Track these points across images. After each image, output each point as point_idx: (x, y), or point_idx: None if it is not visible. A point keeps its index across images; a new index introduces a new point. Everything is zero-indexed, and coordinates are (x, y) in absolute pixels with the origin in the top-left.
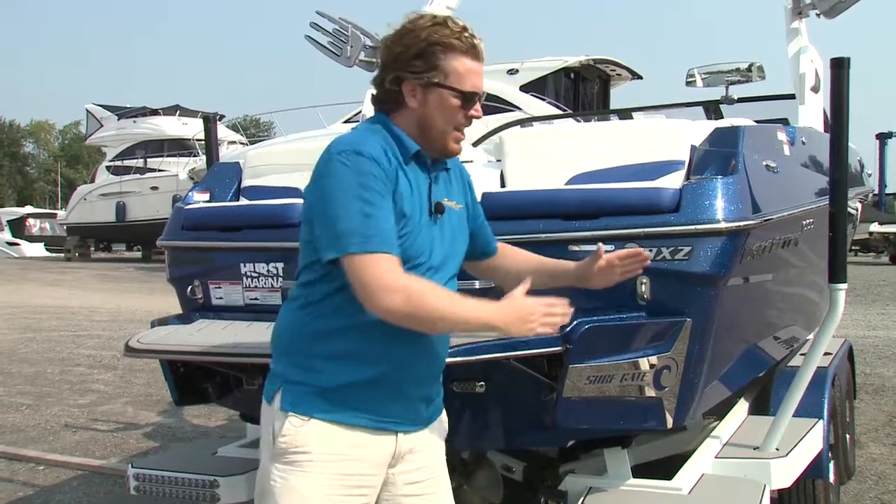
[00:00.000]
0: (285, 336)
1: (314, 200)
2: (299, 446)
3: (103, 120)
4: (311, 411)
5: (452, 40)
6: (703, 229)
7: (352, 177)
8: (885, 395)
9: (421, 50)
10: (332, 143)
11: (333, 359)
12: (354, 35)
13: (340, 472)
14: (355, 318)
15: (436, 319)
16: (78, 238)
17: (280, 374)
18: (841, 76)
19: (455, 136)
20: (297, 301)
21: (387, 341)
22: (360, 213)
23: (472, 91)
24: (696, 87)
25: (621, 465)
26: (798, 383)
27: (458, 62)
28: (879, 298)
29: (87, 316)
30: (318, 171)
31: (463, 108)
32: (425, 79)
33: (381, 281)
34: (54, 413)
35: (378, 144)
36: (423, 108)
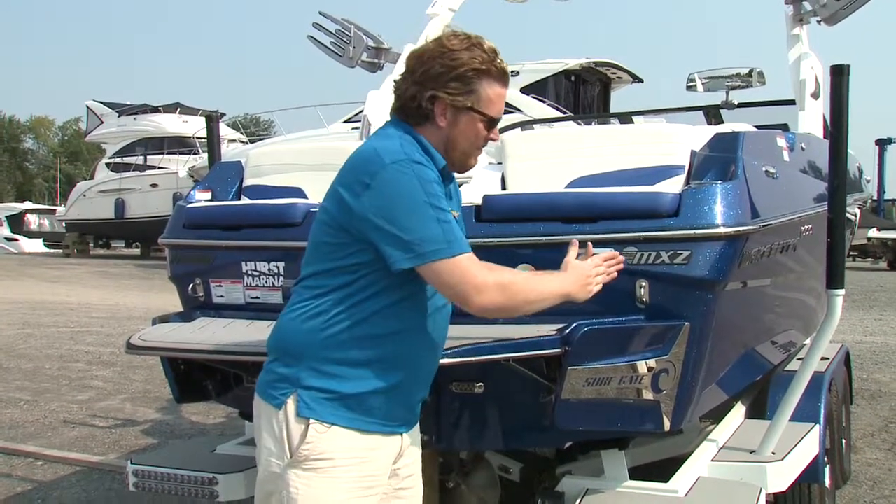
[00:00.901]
0: (299, 340)
1: (376, 210)
2: (323, 453)
3: (103, 116)
4: (333, 419)
5: (490, 66)
6: (702, 234)
7: (418, 185)
8: (881, 401)
9: (461, 74)
10: (376, 152)
11: (357, 366)
12: (357, 36)
13: (360, 474)
14: (383, 327)
15: (526, 305)
16: (77, 234)
17: (291, 378)
18: (841, 83)
19: (474, 154)
20: (312, 305)
21: (407, 349)
22: (434, 220)
23: (497, 116)
24: (696, 91)
25: (618, 467)
26: (795, 388)
27: (492, 88)
28: (877, 304)
29: (85, 312)
30: (370, 181)
31: (488, 131)
32: (460, 102)
33: (473, 281)
34: (53, 409)
35: (421, 154)
36: (452, 128)
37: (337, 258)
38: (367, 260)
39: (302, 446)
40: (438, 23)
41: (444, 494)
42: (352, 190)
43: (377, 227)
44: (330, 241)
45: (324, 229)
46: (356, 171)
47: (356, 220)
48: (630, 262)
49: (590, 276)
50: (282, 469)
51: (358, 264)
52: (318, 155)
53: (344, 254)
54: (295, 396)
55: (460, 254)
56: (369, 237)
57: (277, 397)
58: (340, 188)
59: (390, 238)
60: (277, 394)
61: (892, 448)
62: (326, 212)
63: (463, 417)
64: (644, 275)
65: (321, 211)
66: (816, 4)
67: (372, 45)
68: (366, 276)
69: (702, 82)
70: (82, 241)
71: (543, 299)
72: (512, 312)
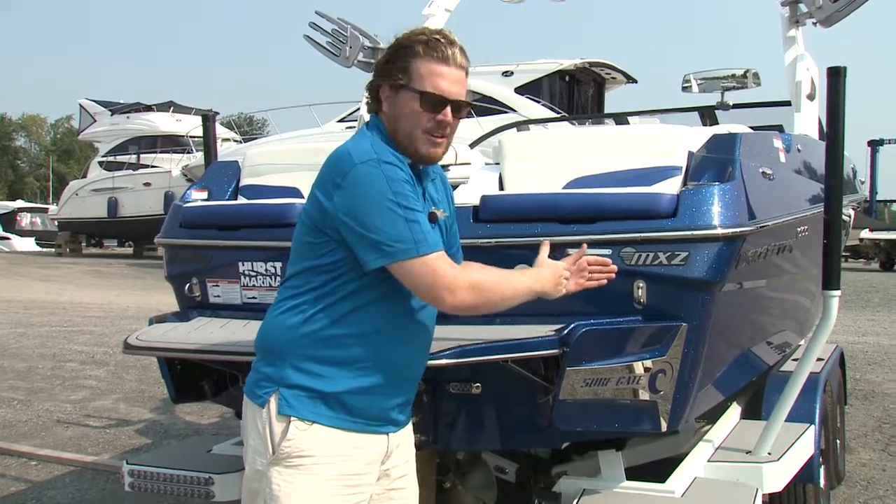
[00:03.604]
0: (281, 339)
1: (346, 211)
2: (304, 450)
3: (96, 115)
4: (314, 416)
5: (419, 45)
6: (699, 235)
7: (385, 184)
8: (874, 401)
9: (395, 54)
10: (347, 152)
11: (337, 365)
12: (353, 36)
13: (342, 472)
14: (361, 325)
15: (498, 301)
16: (69, 233)
17: (274, 376)
18: (837, 85)
19: (425, 139)
20: (293, 304)
21: (389, 348)
22: (402, 220)
23: (432, 92)
24: (691, 92)
25: (615, 468)
26: (791, 388)
27: (423, 65)
28: (869, 305)
29: (78, 311)
30: (341, 181)
31: (427, 110)
32: (394, 81)
33: (444, 281)
34: (46, 408)
35: (391, 153)
36: (392, 109)
37: (315, 257)
38: (343, 258)
39: (283, 443)
40: (434, 23)
41: (440, 495)
42: (325, 190)
43: (348, 227)
44: (309, 240)
45: (303, 230)
46: (329, 172)
47: (329, 219)
48: (628, 263)
49: (562, 276)
50: (265, 467)
51: (334, 263)
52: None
53: (321, 252)
54: (277, 394)
55: (429, 253)
56: (342, 237)
57: (261, 395)
58: (316, 189)
59: (360, 238)
60: (261, 392)
61: (886, 448)
62: (305, 213)
63: (460, 418)
64: (642, 275)
65: (302, 212)
66: (812, 6)
67: (368, 45)
68: (343, 275)
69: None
70: (75, 240)
71: (514, 297)
72: (484, 310)
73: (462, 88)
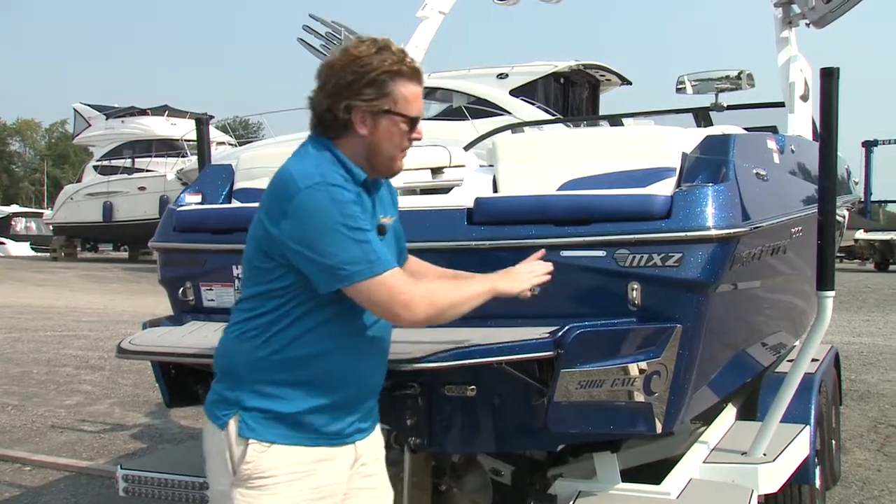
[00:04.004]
0: (237, 362)
1: (295, 237)
2: (265, 471)
3: (91, 119)
4: (273, 437)
5: (402, 66)
6: (693, 236)
7: (332, 208)
8: (869, 401)
9: (374, 78)
10: (291, 176)
11: (294, 386)
12: (347, 38)
13: (306, 486)
14: (316, 346)
15: (453, 309)
16: (64, 238)
17: (233, 399)
18: (830, 85)
19: (400, 156)
20: (248, 327)
21: (347, 365)
22: (352, 242)
23: (417, 116)
24: (686, 93)
25: (611, 469)
26: (786, 389)
27: (407, 88)
28: (864, 305)
29: (73, 316)
30: (287, 208)
31: (410, 131)
32: (376, 107)
33: (400, 297)
34: (40, 413)
35: (337, 173)
36: (374, 134)
37: (265, 282)
38: (293, 282)
39: (243, 465)
40: (429, 25)
41: (436, 497)
42: (271, 217)
43: (298, 253)
44: (259, 265)
45: (253, 253)
46: (274, 197)
47: (277, 246)
48: (622, 265)
49: (522, 275)
50: (227, 488)
51: (284, 287)
52: None
53: (270, 278)
54: (237, 417)
55: (383, 272)
56: (292, 262)
57: (220, 417)
58: (263, 214)
59: (311, 263)
60: (220, 414)
61: (881, 449)
62: (253, 237)
63: (455, 420)
64: (636, 277)
65: (250, 235)
66: (805, 7)
67: None
68: (294, 298)
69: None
70: (70, 245)
71: (470, 300)
72: (440, 321)
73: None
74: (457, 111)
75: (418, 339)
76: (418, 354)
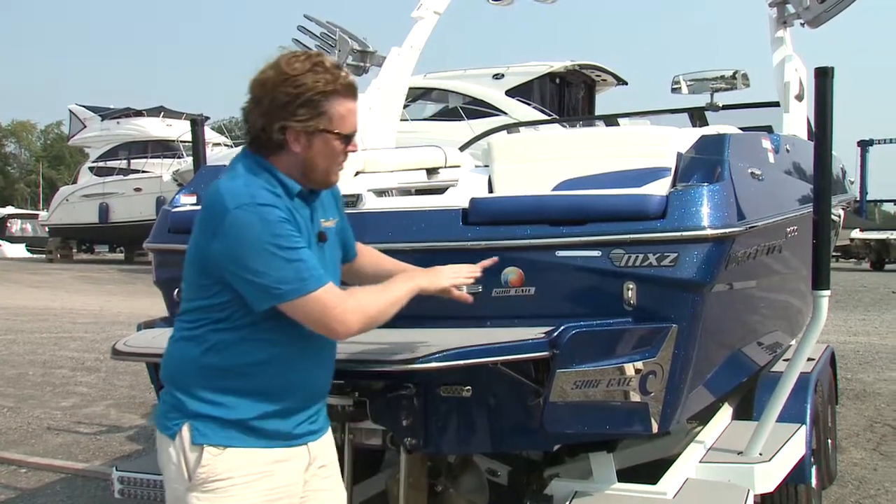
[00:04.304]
0: (183, 371)
1: (227, 257)
2: (220, 474)
3: (86, 121)
4: (227, 441)
5: (336, 85)
6: (689, 236)
7: (262, 228)
8: (865, 401)
9: (308, 99)
10: (221, 196)
11: (241, 394)
12: (342, 39)
13: (263, 487)
14: (259, 354)
15: (383, 315)
16: (60, 239)
17: (182, 408)
18: (825, 85)
19: (338, 169)
20: (191, 335)
21: (291, 371)
22: (284, 261)
23: (352, 132)
24: (681, 93)
25: (607, 469)
26: (782, 388)
27: (342, 106)
28: (860, 304)
29: (69, 318)
30: (218, 228)
31: (346, 146)
32: (311, 126)
33: (334, 312)
34: (36, 415)
35: (267, 191)
36: (308, 152)
37: (205, 297)
38: (231, 298)
39: (198, 470)
40: (424, 25)
41: (432, 498)
42: (205, 236)
43: (232, 273)
44: (197, 281)
45: (191, 269)
46: (207, 218)
47: (211, 265)
48: (617, 265)
49: (442, 274)
50: (184, 493)
51: (223, 303)
52: None
53: (210, 294)
54: (188, 425)
55: (315, 289)
56: (227, 280)
57: (171, 427)
58: (197, 232)
59: (245, 282)
60: (171, 424)
61: (877, 448)
62: (191, 253)
63: (451, 421)
64: (631, 277)
65: (188, 251)
66: (800, 7)
67: (357, 49)
68: (235, 312)
69: (686, 84)
70: (65, 246)
71: (396, 303)
72: (372, 327)
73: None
74: (453, 111)
75: (413, 340)
76: (413, 355)
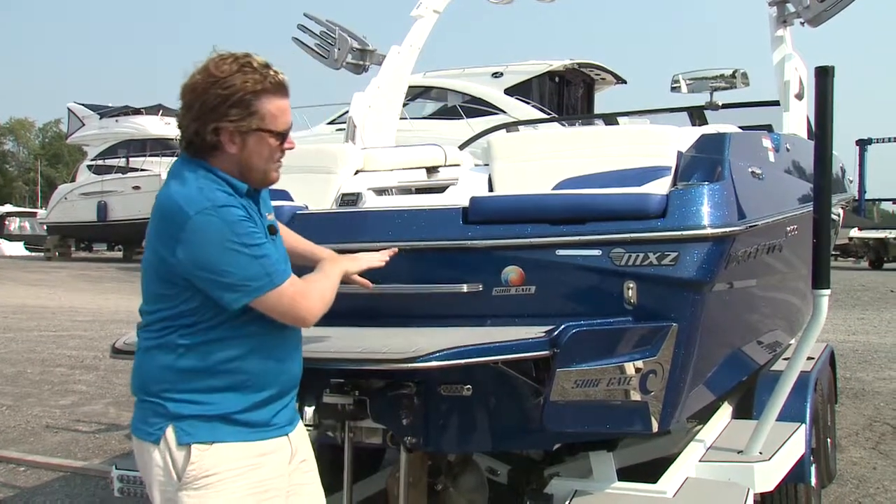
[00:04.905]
0: (159, 378)
1: (193, 262)
2: (208, 470)
3: (85, 119)
4: (213, 437)
5: (265, 84)
6: (689, 235)
7: (225, 229)
8: (864, 399)
9: (239, 99)
10: (178, 204)
11: (221, 391)
12: (342, 37)
13: (251, 480)
14: (234, 350)
15: (331, 298)
16: (58, 237)
17: (164, 413)
18: (826, 84)
19: (276, 167)
20: (162, 342)
21: (267, 362)
22: (250, 259)
23: (286, 129)
24: (680, 92)
25: (607, 468)
26: (782, 387)
27: (273, 104)
28: (859, 303)
29: (67, 316)
30: (180, 235)
31: (280, 145)
32: (244, 126)
33: (302, 302)
34: (35, 414)
35: (222, 192)
36: (243, 152)
37: (172, 307)
38: (201, 302)
39: (188, 468)
40: (423, 24)
41: (432, 497)
42: (166, 245)
43: (199, 277)
44: (162, 292)
45: (153, 278)
46: (166, 226)
47: (178, 273)
48: (618, 264)
49: (362, 257)
50: (174, 494)
51: (193, 308)
52: (305, 157)
53: (178, 302)
54: (172, 427)
55: (283, 282)
56: (196, 285)
57: (153, 433)
58: (156, 241)
59: (214, 284)
60: (153, 430)
61: (876, 447)
62: (150, 264)
63: (451, 419)
64: (632, 276)
65: (146, 259)
66: (800, 6)
67: (357, 47)
68: (206, 314)
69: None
70: (64, 245)
71: (336, 286)
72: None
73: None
74: (451, 110)
75: (413, 339)
76: (414, 354)
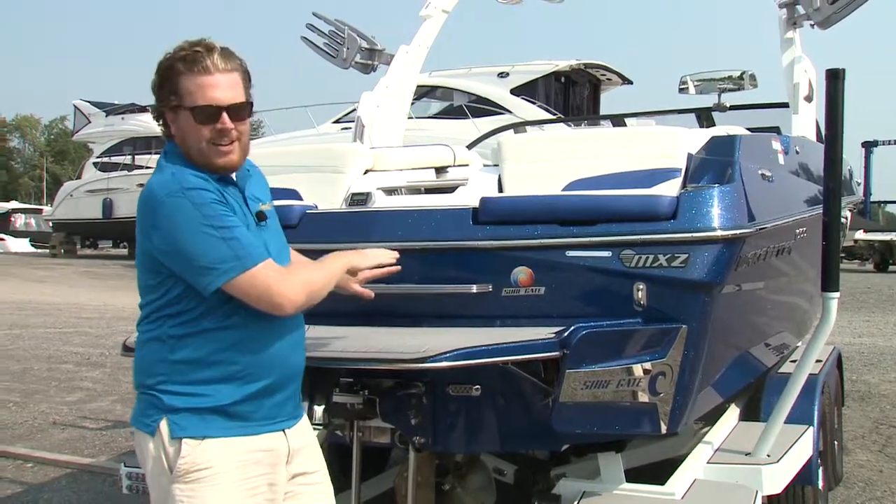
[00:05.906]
0: (155, 371)
1: (167, 247)
2: (200, 464)
3: (91, 116)
4: (205, 432)
5: (179, 63)
6: (699, 237)
7: (194, 211)
8: (871, 402)
9: (163, 79)
10: (152, 190)
11: (216, 382)
12: (350, 37)
13: (243, 476)
14: (226, 339)
15: (323, 291)
16: (64, 234)
17: (158, 405)
18: (836, 87)
19: (214, 150)
20: (156, 335)
21: (261, 351)
22: (219, 240)
23: (203, 105)
24: (688, 93)
25: (615, 470)
26: (790, 390)
27: (189, 81)
28: (865, 306)
29: (73, 313)
30: (154, 220)
31: (203, 123)
32: (168, 104)
33: (277, 288)
34: (42, 410)
35: (194, 175)
36: (178, 131)
37: (160, 296)
38: (183, 290)
39: (179, 461)
40: (432, 24)
41: (439, 496)
42: (145, 233)
43: (174, 261)
44: (150, 283)
45: (142, 270)
46: (144, 215)
47: (158, 260)
48: (628, 265)
49: (368, 253)
50: (167, 485)
51: (179, 295)
52: (313, 156)
53: (164, 290)
54: (166, 420)
55: (254, 265)
56: (174, 271)
57: (149, 424)
58: (139, 233)
59: (188, 268)
60: (149, 421)
61: (883, 449)
62: (138, 254)
63: (459, 420)
64: (642, 278)
65: (136, 252)
66: (810, 8)
67: (365, 47)
68: (190, 303)
69: (694, 85)
70: (69, 241)
71: (333, 279)
72: (313, 303)
73: (235, 91)
74: (457, 110)
75: (423, 339)
76: (424, 354)
